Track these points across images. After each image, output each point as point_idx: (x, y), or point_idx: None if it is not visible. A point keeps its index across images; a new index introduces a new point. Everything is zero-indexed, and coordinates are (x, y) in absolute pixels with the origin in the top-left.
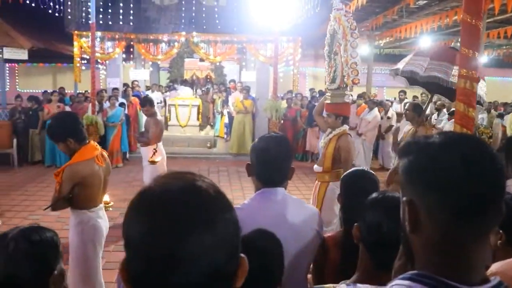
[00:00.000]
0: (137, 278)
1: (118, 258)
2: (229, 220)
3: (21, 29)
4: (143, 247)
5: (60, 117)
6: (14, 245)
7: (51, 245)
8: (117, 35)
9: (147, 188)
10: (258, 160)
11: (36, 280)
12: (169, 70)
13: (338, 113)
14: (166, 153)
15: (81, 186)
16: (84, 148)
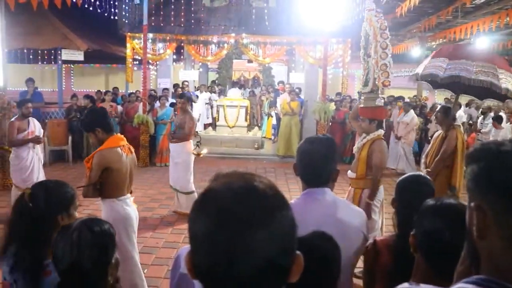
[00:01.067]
0: (201, 269)
1: (154, 243)
2: (285, 217)
3: (78, 32)
4: (205, 242)
5: (91, 110)
6: (78, 235)
7: (109, 235)
8: (168, 36)
9: (210, 187)
10: (301, 161)
11: (96, 268)
12: (218, 71)
13: (371, 117)
14: (215, 153)
15: (109, 172)
16: (111, 137)
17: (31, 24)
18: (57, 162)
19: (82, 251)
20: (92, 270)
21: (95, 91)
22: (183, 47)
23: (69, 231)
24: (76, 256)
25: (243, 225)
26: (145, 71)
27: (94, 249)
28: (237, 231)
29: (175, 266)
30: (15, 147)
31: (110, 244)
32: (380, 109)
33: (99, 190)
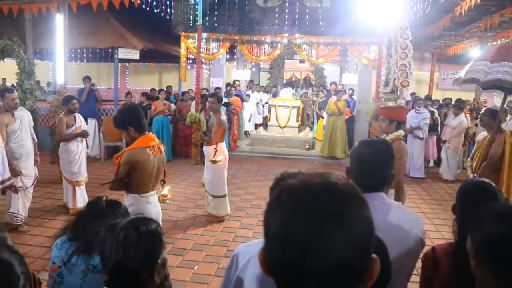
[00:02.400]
0: (273, 264)
1: (205, 240)
2: (363, 218)
3: (134, 32)
4: (279, 237)
5: (124, 108)
6: (124, 235)
7: (156, 235)
8: (222, 36)
9: (287, 183)
10: (356, 164)
11: (142, 268)
12: (270, 71)
13: (391, 117)
14: (266, 153)
15: (135, 171)
16: (142, 137)
17: (91, 25)
18: (112, 157)
19: (128, 251)
20: (138, 270)
21: (149, 89)
22: (236, 46)
23: (116, 230)
24: (122, 256)
25: (319, 221)
26: (199, 70)
27: (140, 249)
28: (313, 227)
29: (231, 265)
30: (64, 141)
31: (157, 244)
32: (400, 109)
33: (125, 184)
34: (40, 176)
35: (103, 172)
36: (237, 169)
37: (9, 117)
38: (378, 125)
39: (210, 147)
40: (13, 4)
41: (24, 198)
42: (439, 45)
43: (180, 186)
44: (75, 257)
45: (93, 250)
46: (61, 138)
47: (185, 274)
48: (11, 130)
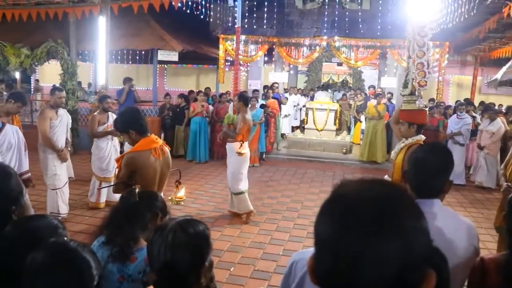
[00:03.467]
0: (323, 273)
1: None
2: (419, 229)
3: (173, 34)
4: (331, 245)
5: (125, 111)
6: (173, 236)
7: (204, 237)
8: (260, 38)
9: (339, 191)
10: (414, 170)
11: (190, 270)
12: (307, 74)
13: (411, 120)
14: (303, 156)
15: (137, 174)
16: (143, 140)
17: (131, 27)
18: None
19: (176, 252)
20: (185, 272)
21: (188, 91)
22: (274, 49)
23: (165, 232)
24: (170, 257)
25: (371, 231)
26: (237, 72)
27: (187, 251)
28: (365, 237)
29: (289, 272)
30: (96, 138)
31: (205, 246)
32: (420, 112)
33: (129, 187)
34: (80, 174)
35: None
36: (274, 172)
37: (53, 113)
38: (398, 129)
39: (235, 143)
40: (59, 8)
41: (64, 196)
42: (483, 48)
43: (217, 187)
44: (110, 264)
45: (128, 258)
46: (92, 135)
47: (221, 275)
48: (52, 125)
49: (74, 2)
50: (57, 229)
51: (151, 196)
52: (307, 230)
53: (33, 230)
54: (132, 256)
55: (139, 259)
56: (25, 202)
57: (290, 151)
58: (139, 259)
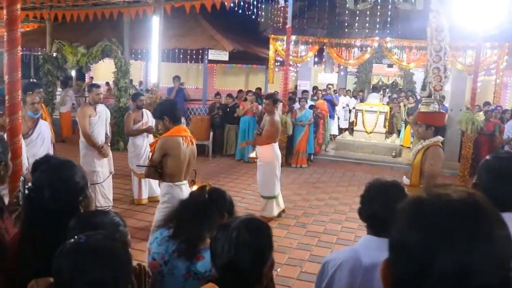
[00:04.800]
0: (399, 280)
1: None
2: (506, 237)
3: (224, 33)
4: (413, 253)
5: (163, 101)
6: (237, 234)
7: (267, 236)
8: (311, 39)
9: (421, 198)
10: (486, 180)
11: (252, 268)
12: (357, 75)
13: (429, 122)
14: (351, 158)
15: (169, 158)
16: (175, 127)
17: (183, 26)
18: (198, 156)
19: (240, 251)
20: (248, 270)
21: (238, 90)
22: (324, 49)
23: (229, 230)
24: (234, 255)
25: (460, 240)
26: (287, 72)
27: (251, 250)
28: (451, 245)
29: (322, 271)
30: (132, 136)
31: (267, 245)
32: (438, 114)
33: (160, 173)
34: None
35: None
36: (322, 173)
37: (91, 110)
38: (416, 130)
39: (265, 147)
40: (114, 8)
41: (102, 190)
42: None
43: None
44: (176, 259)
45: (195, 256)
46: (128, 133)
47: None
48: (91, 122)
49: (129, 2)
50: (118, 226)
51: (221, 195)
52: (355, 233)
53: (95, 225)
54: (199, 254)
55: (206, 258)
56: (90, 194)
57: (339, 153)
58: (206, 258)
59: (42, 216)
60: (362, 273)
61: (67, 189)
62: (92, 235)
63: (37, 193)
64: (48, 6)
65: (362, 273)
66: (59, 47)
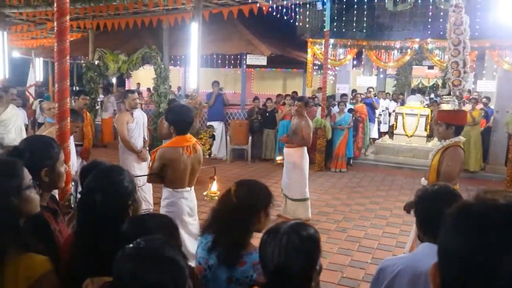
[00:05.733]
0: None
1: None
2: None
3: (262, 38)
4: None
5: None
6: (287, 239)
7: (316, 241)
8: (349, 42)
9: (470, 203)
10: None
11: (302, 273)
12: (396, 78)
13: (449, 121)
14: (391, 162)
15: (168, 168)
16: (177, 137)
17: (221, 32)
18: (237, 160)
19: (290, 255)
20: (298, 275)
21: (276, 95)
22: (363, 52)
23: (278, 235)
24: (284, 260)
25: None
26: (325, 76)
27: (301, 255)
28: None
29: (377, 277)
30: (165, 139)
31: (316, 250)
32: (459, 113)
33: (161, 178)
34: None
35: (229, 174)
36: (361, 178)
37: (128, 116)
38: (436, 130)
39: (296, 150)
40: (153, 16)
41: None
42: None
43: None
44: (218, 265)
45: (237, 262)
46: (161, 137)
47: None
48: (129, 128)
49: (168, 10)
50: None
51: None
52: (396, 239)
53: (147, 229)
54: (241, 260)
55: (248, 264)
56: (139, 198)
57: (378, 157)
58: (248, 264)
59: (94, 219)
60: (424, 282)
61: (117, 193)
62: (152, 239)
63: (89, 196)
64: (91, 16)
65: (424, 282)
66: (101, 55)
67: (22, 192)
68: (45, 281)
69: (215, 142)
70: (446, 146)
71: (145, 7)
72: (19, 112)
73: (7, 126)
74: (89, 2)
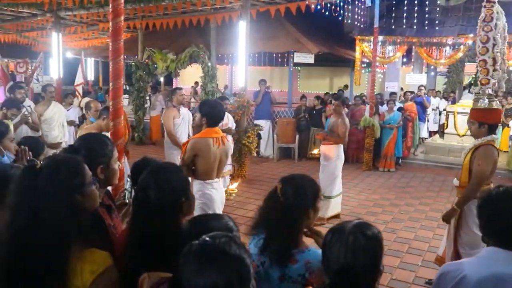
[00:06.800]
0: None
1: None
2: None
3: (309, 36)
4: None
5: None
6: (353, 239)
7: (380, 241)
8: (399, 39)
9: None
10: None
11: (367, 273)
12: (447, 75)
13: (481, 120)
14: (442, 162)
15: (199, 158)
16: (208, 129)
17: (268, 30)
18: (284, 158)
19: (356, 255)
20: (363, 276)
21: (324, 93)
22: (412, 49)
23: (344, 234)
24: (350, 260)
25: None
26: (374, 74)
27: (366, 254)
28: None
29: (437, 282)
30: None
31: (380, 250)
32: (493, 112)
33: (192, 171)
34: None
35: (275, 172)
36: (411, 178)
37: (175, 112)
38: (470, 128)
39: (332, 147)
40: (201, 15)
41: None
42: None
43: (352, 191)
44: (270, 264)
45: (288, 260)
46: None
47: None
48: (175, 123)
49: (215, 9)
50: (232, 231)
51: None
52: None
53: (210, 229)
54: (292, 258)
55: (300, 262)
56: (192, 195)
57: (428, 156)
58: (300, 262)
59: (149, 215)
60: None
61: (171, 190)
62: (217, 236)
63: (143, 193)
64: (140, 16)
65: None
66: (150, 54)
67: (85, 188)
68: (108, 275)
69: (262, 140)
70: (478, 145)
71: (193, 7)
72: (61, 109)
73: (51, 123)
74: (139, 2)
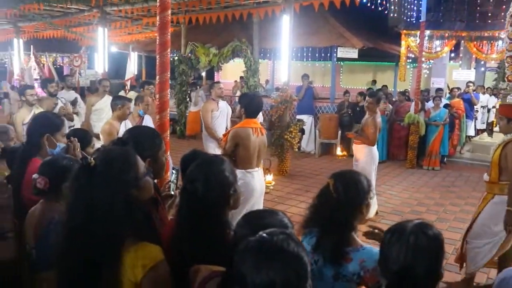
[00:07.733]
0: None
1: None
2: None
3: (353, 30)
4: None
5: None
6: (415, 239)
7: (441, 242)
8: (447, 33)
9: None
10: None
11: (427, 275)
12: (497, 71)
13: (510, 115)
14: (488, 162)
15: (240, 147)
16: (247, 119)
17: (311, 24)
18: (325, 154)
19: (417, 255)
20: (424, 277)
21: (366, 89)
22: (461, 44)
23: (405, 234)
24: (411, 260)
25: None
26: (420, 69)
27: (428, 256)
28: None
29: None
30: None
31: (442, 252)
32: None
33: (233, 162)
34: None
35: (317, 168)
36: (456, 177)
37: (214, 105)
38: (498, 124)
39: (362, 147)
40: (244, 9)
41: None
42: None
43: (395, 189)
44: (323, 263)
45: (342, 258)
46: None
47: None
48: (213, 116)
49: (258, 3)
50: (287, 227)
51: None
52: None
53: (265, 226)
54: (346, 256)
55: (354, 260)
56: (239, 189)
57: (475, 155)
58: (355, 260)
59: (196, 207)
60: None
61: (219, 183)
62: (275, 233)
63: (191, 186)
64: (184, 11)
65: None
66: (192, 48)
67: (139, 182)
68: (159, 269)
69: (304, 136)
70: (507, 141)
71: (236, 1)
72: None
73: (100, 115)
74: None
